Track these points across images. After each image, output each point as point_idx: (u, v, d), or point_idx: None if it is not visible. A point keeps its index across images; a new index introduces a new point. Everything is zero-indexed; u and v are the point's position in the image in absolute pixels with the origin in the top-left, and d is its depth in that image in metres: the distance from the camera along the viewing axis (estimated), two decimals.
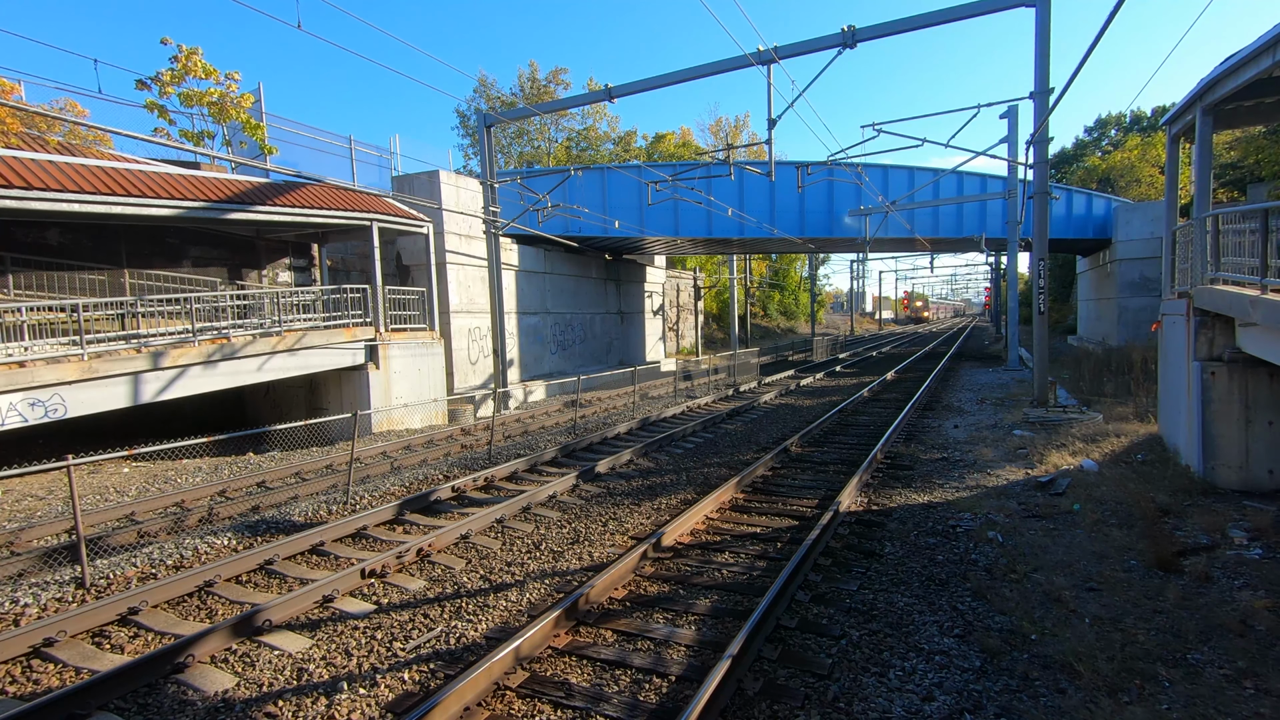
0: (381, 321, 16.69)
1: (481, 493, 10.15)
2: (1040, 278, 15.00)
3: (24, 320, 10.69)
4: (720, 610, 5.89)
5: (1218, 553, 6.67)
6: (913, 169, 26.43)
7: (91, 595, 6.70)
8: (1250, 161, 26.02)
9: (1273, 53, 7.44)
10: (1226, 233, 8.87)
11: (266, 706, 4.68)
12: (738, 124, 56.37)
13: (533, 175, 26.77)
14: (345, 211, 16.27)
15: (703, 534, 8.00)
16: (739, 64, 15.54)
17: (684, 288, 43.82)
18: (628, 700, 4.58)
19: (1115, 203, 28.97)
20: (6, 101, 11.67)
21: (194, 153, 16.16)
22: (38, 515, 9.72)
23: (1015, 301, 27.03)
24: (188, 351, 12.48)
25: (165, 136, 16.98)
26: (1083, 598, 5.88)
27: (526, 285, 24.83)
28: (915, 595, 6.08)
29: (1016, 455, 11.18)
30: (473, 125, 48.24)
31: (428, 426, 16.89)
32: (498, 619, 5.95)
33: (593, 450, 12.91)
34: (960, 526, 7.87)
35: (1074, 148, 56.25)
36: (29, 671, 5.31)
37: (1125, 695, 4.45)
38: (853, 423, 15.25)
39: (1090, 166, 46.60)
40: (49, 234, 14.51)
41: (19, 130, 13.01)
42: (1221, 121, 10.85)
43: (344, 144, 18.80)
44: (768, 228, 26.33)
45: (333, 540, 8.08)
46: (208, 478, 11.71)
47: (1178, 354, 9.96)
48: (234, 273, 18.17)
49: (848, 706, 4.44)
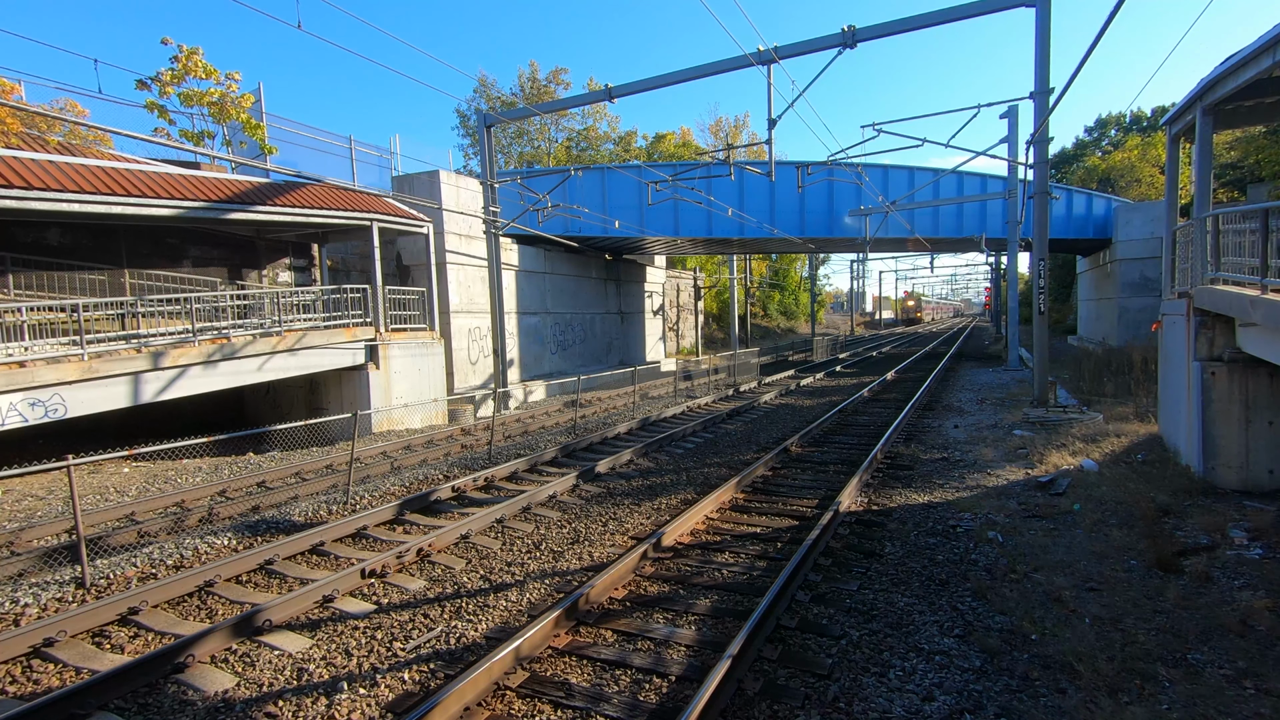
0: (382, 321, 16.69)
1: (481, 493, 10.15)
2: (1040, 278, 15.00)
3: (24, 320, 10.69)
4: (720, 610, 5.89)
5: (1218, 553, 6.67)
6: (913, 169, 26.43)
7: (92, 595, 6.70)
8: (1250, 161, 26.01)
9: (1273, 53, 7.44)
10: (1226, 233, 8.87)
11: (267, 706, 4.69)
12: (738, 124, 56.40)
13: (533, 175, 26.77)
14: (345, 211, 16.27)
15: (703, 534, 8.00)
16: (739, 64, 15.54)
17: (684, 288, 43.81)
18: (628, 700, 4.58)
19: (1115, 203, 28.98)
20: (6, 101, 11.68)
21: (194, 153, 16.16)
22: (38, 515, 9.72)
23: (1015, 301, 27.03)
24: (188, 351, 12.48)
25: (165, 136, 16.99)
26: (1083, 598, 5.88)
27: (526, 285, 24.83)
28: (915, 595, 6.08)
29: (1016, 455, 11.18)
30: (473, 125, 48.23)
31: (428, 426, 16.89)
32: (498, 619, 5.95)
33: (593, 450, 12.91)
34: (960, 526, 7.87)
35: (1074, 148, 56.27)
36: (29, 671, 5.31)
37: (1125, 695, 4.45)
38: (853, 423, 15.25)
39: (1090, 166, 46.61)
40: (49, 234, 14.52)
41: (19, 130, 13.01)
42: (1222, 121, 10.85)
43: (344, 144, 18.83)
44: (768, 228, 26.33)
45: (333, 540, 8.08)
46: (208, 478, 11.71)
47: (1178, 354, 9.96)
48: (234, 273, 18.17)
49: (848, 706, 4.44)
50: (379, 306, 16.60)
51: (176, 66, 16.81)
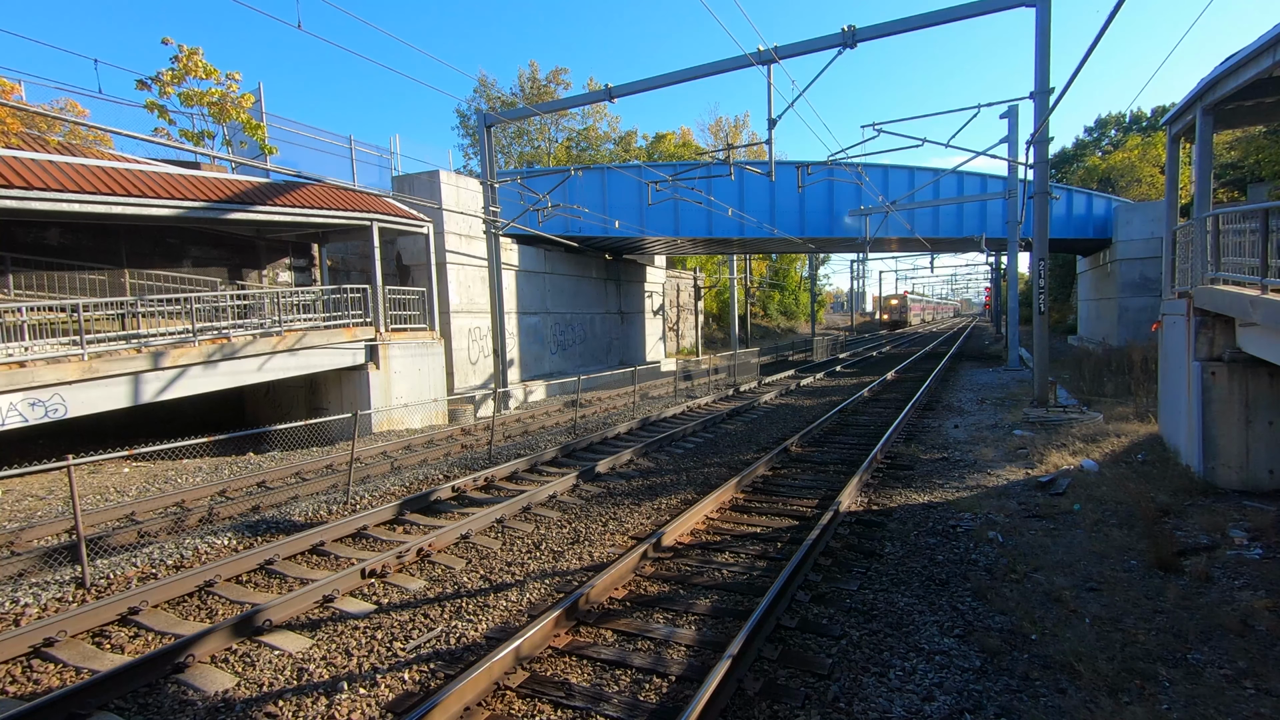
0: (382, 321, 16.69)
1: (482, 493, 10.15)
2: (1040, 278, 15.00)
3: (24, 320, 10.69)
4: (720, 610, 5.89)
5: (1218, 553, 6.67)
6: (913, 169, 26.43)
7: (92, 595, 6.70)
8: (1250, 161, 26.01)
9: (1273, 53, 7.44)
10: (1226, 233, 8.87)
11: (267, 706, 4.69)
12: (738, 124, 56.42)
13: (533, 175, 26.77)
14: (345, 211, 16.27)
15: (703, 534, 8.00)
16: (739, 64, 15.54)
17: (684, 288, 43.81)
18: (628, 700, 4.58)
19: (1115, 203, 28.97)
20: (6, 101, 11.67)
21: (194, 153, 16.14)
22: (38, 515, 9.73)
23: (1015, 301, 27.04)
24: (188, 351, 12.48)
25: (165, 136, 16.97)
26: (1083, 598, 5.88)
27: (526, 285, 24.83)
28: (915, 595, 6.08)
29: (1017, 455, 11.18)
30: (473, 125, 48.23)
31: (428, 426, 16.89)
32: (498, 619, 5.95)
33: (593, 450, 12.91)
34: (960, 526, 7.87)
35: (1074, 148, 56.26)
36: (29, 671, 5.31)
37: (1125, 695, 4.45)
38: (853, 423, 15.25)
39: (1090, 166, 46.61)
40: (49, 234, 14.51)
41: (19, 130, 13.00)
42: (1222, 121, 10.85)
43: (344, 144, 18.81)
44: (768, 228, 26.33)
45: (333, 540, 8.08)
46: (208, 478, 11.72)
47: (1178, 354, 9.96)
48: (234, 273, 18.17)
49: (848, 706, 4.44)
50: (379, 306, 16.60)
51: (177, 67, 16.79)
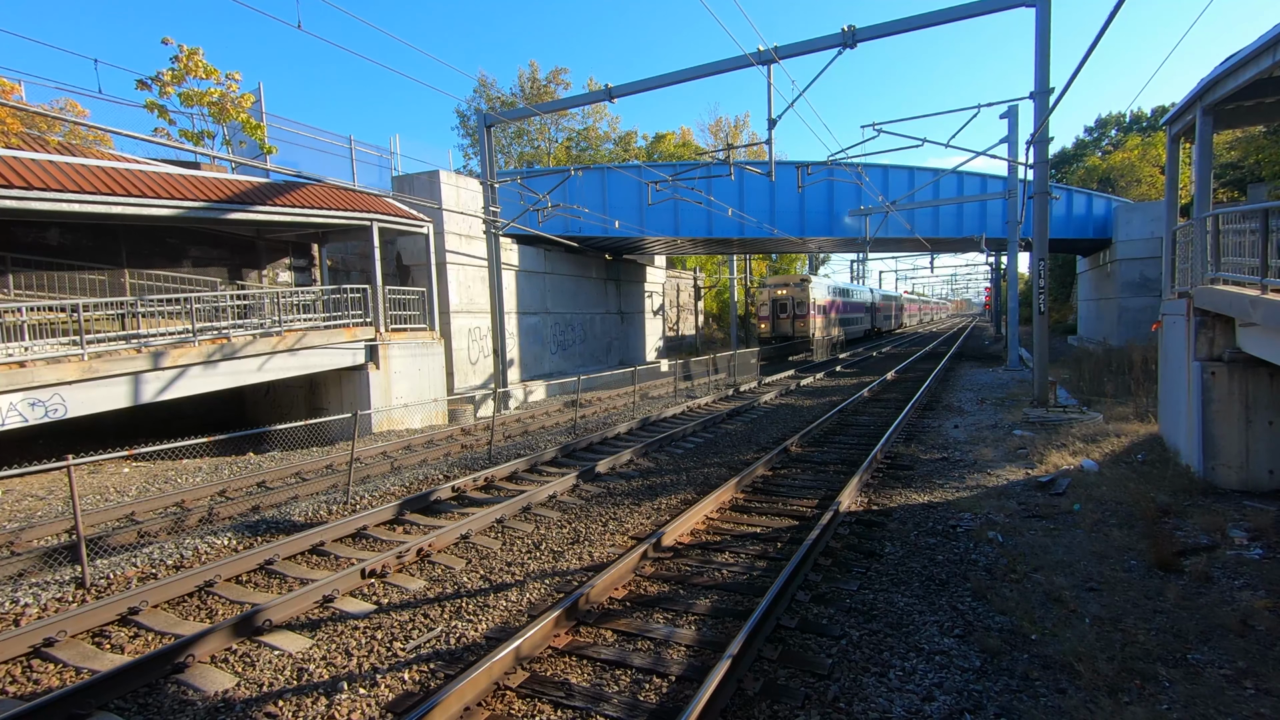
0: (381, 321, 16.69)
1: (481, 493, 10.15)
2: (1040, 278, 15.00)
3: (24, 320, 10.69)
4: (720, 610, 5.89)
5: (1218, 553, 6.67)
6: (913, 169, 26.44)
7: (92, 595, 6.70)
8: (1250, 161, 26.02)
9: (1273, 53, 7.44)
10: (1226, 233, 8.87)
11: (266, 706, 4.69)
12: (738, 124, 56.40)
13: (533, 175, 26.77)
14: (345, 211, 16.27)
15: (703, 534, 8.00)
16: (739, 64, 15.55)
17: (684, 288, 43.82)
18: (628, 700, 4.58)
19: (1115, 203, 28.98)
20: (6, 101, 11.67)
21: (194, 153, 16.15)
22: (38, 515, 9.73)
23: (1015, 301, 27.02)
24: (188, 351, 12.48)
25: (165, 136, 16.97)
26: (1083, 598, 5.88)
27: (526, 285, 24.83)
28: (915, 595, 6.08)
29: (1017, 455, 11.18)
30: (473, 125, 48.25)
31: (428, 426, 16.88)
32: (498, 619, 5.95)
33: (593, 450, 12.91)
34: (960, 526, 7.87)
35: (1074, 148, 56.28)
36: (29, 671, 5.31)
37: (1125, 695, 4.45)
38: (853, 423, 15.25)
39: (1090, 166, 46.63)
40: (49, 234, 14.51)
41: (19, 130, 13.00)
42: (1222, 121, 10.85)
43: (344, 144, 18.81)
44: (768, 228, 26.33)
45: (333, 540, 8.08)
46: (208, 478, 11.71)
47: (1178, 354, 9.96)
48: (234, 273, 18.17)
49: (848, 707, 4.44)
50: (379, 306, 16.60)
51: (177, 66, 16.80)
